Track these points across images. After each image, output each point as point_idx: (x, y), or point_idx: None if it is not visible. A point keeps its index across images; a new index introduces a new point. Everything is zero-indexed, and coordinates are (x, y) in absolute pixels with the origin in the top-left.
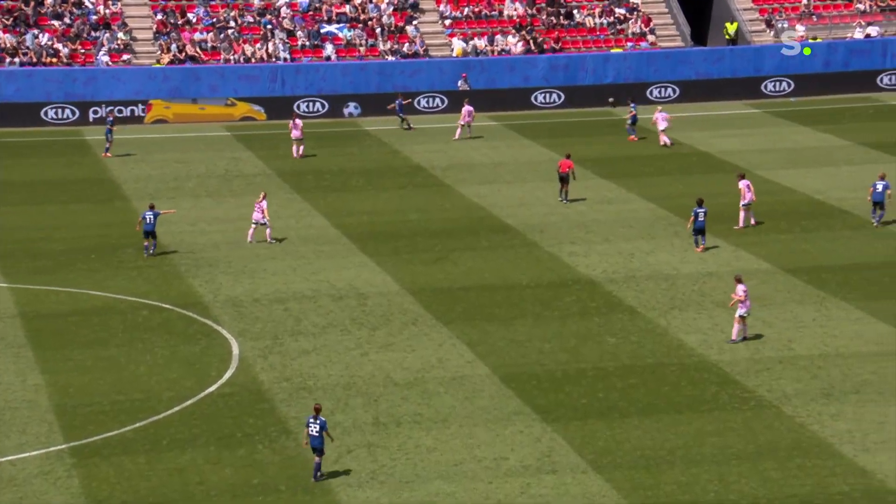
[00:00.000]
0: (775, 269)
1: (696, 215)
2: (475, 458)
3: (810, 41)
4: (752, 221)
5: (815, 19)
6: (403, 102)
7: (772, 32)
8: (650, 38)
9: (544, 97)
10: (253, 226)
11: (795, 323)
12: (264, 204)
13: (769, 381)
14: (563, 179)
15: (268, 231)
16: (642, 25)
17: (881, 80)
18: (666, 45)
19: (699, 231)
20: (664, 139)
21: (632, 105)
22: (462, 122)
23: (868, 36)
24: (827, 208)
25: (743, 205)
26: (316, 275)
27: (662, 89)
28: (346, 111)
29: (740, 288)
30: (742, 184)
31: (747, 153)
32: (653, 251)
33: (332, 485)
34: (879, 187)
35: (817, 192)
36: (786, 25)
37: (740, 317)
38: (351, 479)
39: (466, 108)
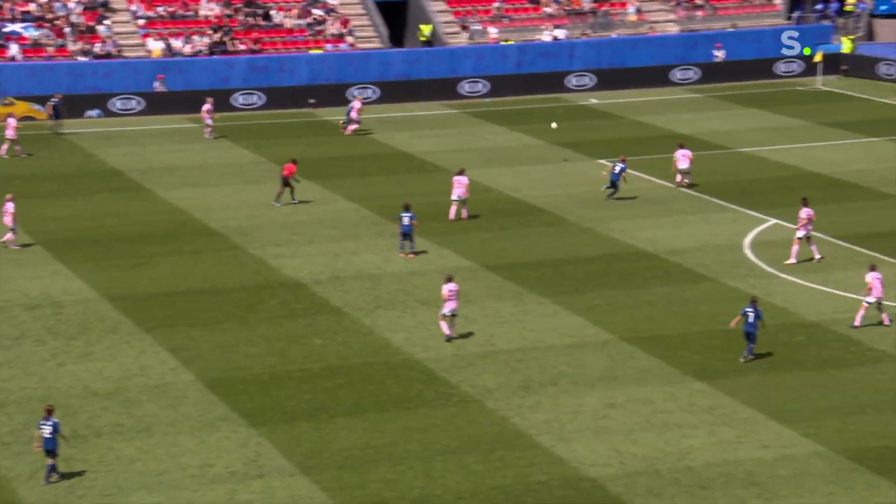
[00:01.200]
0: (476, 266)
1: (402, 219)
2: (180, 467)
3: (503, 42)
4: (465, 215)
5: (506, 22)
6: (57, 102)
7: (466, 34)
8: (349, 39)
9: (244, 98)
10: (10, 231)
11: (496, 318)
12: (11, 206)
13: (472, 376)
14: (285, 183)
15: (9, 235)
16: (340, 27)
17: (569, 81)
18: (364, 46)
19: (405, 235)
20: (350, 127)
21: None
22: (206, 121)
23: (556, 38)
24: (523, 206)
25: (454, 199)
26: (7, 284)
27: (363, 90)
28: (88, 114)
29: (446, 287)
30: (455, 178)
31: (446, 153)
32: (357, 251)
33: (26, 502)
34: (617, 169)
35: (513, 190)
36: (479, 27)
37: (443, 315)
38: (48, 494)
39: (206, 107)
